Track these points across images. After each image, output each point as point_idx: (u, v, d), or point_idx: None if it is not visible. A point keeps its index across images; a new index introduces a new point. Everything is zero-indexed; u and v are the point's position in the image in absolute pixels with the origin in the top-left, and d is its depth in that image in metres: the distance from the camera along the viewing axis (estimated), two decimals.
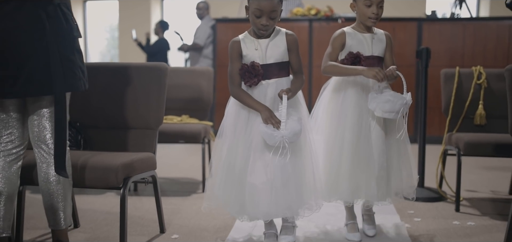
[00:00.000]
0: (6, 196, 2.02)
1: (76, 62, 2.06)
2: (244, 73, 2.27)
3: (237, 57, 2.29)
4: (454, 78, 3.54)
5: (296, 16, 6.37)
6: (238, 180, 2.24)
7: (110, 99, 2.59)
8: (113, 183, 2.14)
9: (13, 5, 1.94)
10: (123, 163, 2.17)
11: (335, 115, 2.48)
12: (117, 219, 2.89)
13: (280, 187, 2.18)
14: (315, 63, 6.34)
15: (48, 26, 1.96)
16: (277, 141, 2.11)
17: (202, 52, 6.66)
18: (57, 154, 1.99)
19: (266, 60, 2.27)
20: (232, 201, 2.25)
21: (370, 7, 2.41)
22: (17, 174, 2.07)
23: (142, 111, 2.57)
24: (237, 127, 2.28)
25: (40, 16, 1.95)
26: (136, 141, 2.57)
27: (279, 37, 2.29)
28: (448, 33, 6.18)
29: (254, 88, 2.27)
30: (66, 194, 2.08)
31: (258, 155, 2.21)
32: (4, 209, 2.01)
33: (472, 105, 3.50)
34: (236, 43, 2.29)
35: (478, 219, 2.95)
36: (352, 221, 2.56)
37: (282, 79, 2.29)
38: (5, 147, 2.05)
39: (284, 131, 2.11)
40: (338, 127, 2.45)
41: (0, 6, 1.94)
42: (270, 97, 2.25)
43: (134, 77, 2.59)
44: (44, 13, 1.96)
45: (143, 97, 2.58)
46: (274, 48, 2.27)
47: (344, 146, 2.42)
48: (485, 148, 3.10)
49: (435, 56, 6.10)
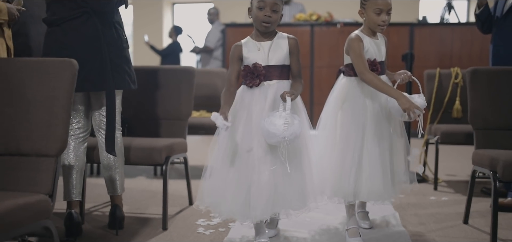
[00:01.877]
0: (77, 169, 2.61)
1: (122, 66, 2.63)
2: (246, 74, 2.31)
3: (236, 60, 2.34)
4: (435, 78, 4.14)
5: (299, 21, 6.95)
6: (236, 179, 2.27)
7: (149, 95, 3.19)
8: (157, 160, 2.75)
9: (81, 21, 2.53)
10: (165, 145, 2.78)
11: (349, 119, 2.49)
12: (152, 196, 3.51)
13: (279, 187, 2.23)
14: (317, 64, 6.91)
15: (103, 38, 2.55)
16: (278, 141, 2.14)
17: (212, 54, 7.26)
18: (107, 137, 2.57)
19: (268, 62, 2.31)
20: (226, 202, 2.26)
21: (380, 15, 2.43)
22: (84, 153, 2.67)
23: (174, 104, 3.18)
24: (235, 127, 2.30)
25: (98, 29, 2.54)
26: (170, 129, 3.18)
27: (282, 40, 2.34)
28: (437, 37, 6.76)
29: (255, 88, 2.31)
30: (120, 168, 2.68)
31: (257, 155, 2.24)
32: (76, 180, 2.61)
33: (450, 100, 4.09)
34: (237, 47, 2.34)
35: (451, 195, 3.54)
36: (354, 226, 2.52)
37: (283, 81, 2.33)
38: (75, 132, 2.64)
39: (286, 132, 2.11)
40: (354, 131, 2.46)
41: (72, 21, 2.52)
42: (271, 98, 2.28)
43: (168, 77, 3.20)
44: (101, 28, 2.55)
45: (175, 93, 3.18)
46: (276, 50, 2.31)
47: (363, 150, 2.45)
48: (458, 137, 3.71)
49: (426, 58, 6.71)
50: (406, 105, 2.30)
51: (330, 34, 6.85)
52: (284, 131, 2.10)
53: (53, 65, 1.86)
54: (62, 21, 2.49)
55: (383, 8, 2.42)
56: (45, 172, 1.76)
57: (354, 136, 2.44)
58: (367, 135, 2.45)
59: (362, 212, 2.79)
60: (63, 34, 2.50)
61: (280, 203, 2.24)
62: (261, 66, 2.29)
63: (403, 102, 2.31)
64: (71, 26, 2.50)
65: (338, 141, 2.49)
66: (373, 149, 2.44)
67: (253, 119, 2.27)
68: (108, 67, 2.52)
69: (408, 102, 2.31)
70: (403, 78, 2.57)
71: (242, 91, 2.36)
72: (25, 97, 1.83)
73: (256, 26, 2.31)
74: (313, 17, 6.94)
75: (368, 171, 2.43)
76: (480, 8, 3.47)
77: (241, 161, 2.27)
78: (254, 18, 2.30)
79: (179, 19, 10.64)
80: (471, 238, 2.59)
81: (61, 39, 2.49)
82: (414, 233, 2.67)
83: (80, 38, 2.50)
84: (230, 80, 2.33)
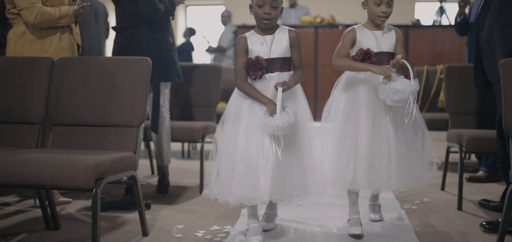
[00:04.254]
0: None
1: (169, 64, 3.31)
2: (249, 67, 2.37)
3: (243, 52, 2.41)
4: (423, 74, 4.85)
5: (304, 23, 7.65)
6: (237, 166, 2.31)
7: (186, 87, 3.90)
8: (195, 137, 3.45)
9: (137, 29, 3.21)
10: (201, 126, 3.48)
11: (348, 108, 2.56)
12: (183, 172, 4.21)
13: (277, 173, 2.28)
14: (320, 62, 7.60)
15: (154, 42, 3.24)
16: (272, 130, 2.22)
17: (225, 53, 7.98)
18: (152, 119, 3.27)
19: (270, 55, 2.38)
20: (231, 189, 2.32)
21: (380, 6, 2.48)
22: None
23: (206, 94, 3.90)
24: (239, 117, 2.38)
25: (149, 36, 3.22)
26: (203, 114, 3.89)
27: (283, 33, 2.41)
28: (430, 37, 7.45)
29: (258, 81, 2.38)
30: (167, 143, 3.36)
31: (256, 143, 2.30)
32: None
33: (436, 93, 4.79)
34: (242, 39, 2.42)
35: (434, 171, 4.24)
36: (355, 217, 2.58)
37: (284, 73, 2.39)
38: None
39: (279, 122, 2.19)
40: (351, 120, 2.53)
41: (131, 29, 3.22)
42: (273, 90, 2.33)
43: (201, 73, 3.91)
44: (152, 34, 3.23)
45: (206, 85, 3.90)
46: (278, 44, 2.39)
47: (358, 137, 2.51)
48: (441, 123, 4.40)
49: (419, 56, 7.39)
50: (379, 70, 2.38)
51: (332, 35, 7.55)
52: (277, 120, 2.19)
53: (134, 61, 2.58)
54: (124, 29, 3.20)
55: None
56: (130, 138, 2.47)
57: (352, 126, 2.53)
58: (365, 125, 2.50)
59: (373, 204, 2.83)
60: (124, 39, 3.21)
61: (285, 188, 2.31)
62: (263, 59, 2.36)
63: (375, 69, 2.40)
64: (130, 33, 3.20)
65: (337, 131, 2.58)
66: (372, 139, 2.49)
67: (256, 110, 2.34)
68: (156, 65, 3.18)
69: (379, 68, 2.39)
70: (393, 62, 2.50)
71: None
72: (115, 84, 2.54)
73: (257, 22, 2.40)
74: (317, 20, 7.62)
75: (368, 160, 2.47)
76: (460, 16, 4.19)
77: (246, 150, 2.31)
78: (254, 15, 2.38)
79: (191, 20, 11.35)
80: (444, 198, 3.30)
81: (123, 43, 3.20)
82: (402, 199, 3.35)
83: (136, 42, 3.19)
84: (241, 71, 2.40)
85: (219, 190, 2.36)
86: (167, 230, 2.62)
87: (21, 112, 2.59)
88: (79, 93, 2.57)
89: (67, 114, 2.56)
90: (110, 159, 2.13)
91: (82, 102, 2.56)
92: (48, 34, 2.97)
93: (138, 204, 2.46)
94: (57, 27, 3.00)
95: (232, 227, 2.65)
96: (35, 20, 2.88)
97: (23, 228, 2.63)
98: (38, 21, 2.88)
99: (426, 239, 2.52)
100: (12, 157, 2.08)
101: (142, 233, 2.52)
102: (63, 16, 2.98)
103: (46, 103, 2.61)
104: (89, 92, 2.56)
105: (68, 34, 3.06)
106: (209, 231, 2.60)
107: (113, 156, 2.18)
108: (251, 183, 2.28)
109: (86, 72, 2.60)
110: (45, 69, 2.63)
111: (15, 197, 3.29)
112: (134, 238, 2.50)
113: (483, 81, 2.85)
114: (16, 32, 2.97)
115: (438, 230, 2.66)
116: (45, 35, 2.96)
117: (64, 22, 3.00)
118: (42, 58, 2.70)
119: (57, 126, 2.58)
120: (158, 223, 2.75)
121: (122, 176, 2.28)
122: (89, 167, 1.98)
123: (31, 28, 2.94)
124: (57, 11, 2.95)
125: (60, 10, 2.96)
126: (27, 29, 2.94)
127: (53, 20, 2.94)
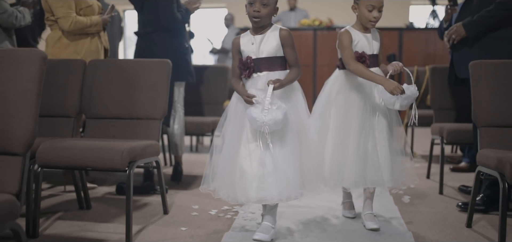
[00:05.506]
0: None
1: (183, 65, 3.71)
2: (240, 66, 2.44)
3: (237, 53, 2.47)
4: (413, 74, 5.25)
5: (303, 26, 8.05)
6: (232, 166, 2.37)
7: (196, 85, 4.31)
8: (205, 131, 3.86)
9: (156, 34, 3.60)
10: (211, 121, 3.90)
11: (342, 109, 2.60)
12: (194, 164, 4.62)
13: (270, 173, 2.30)
14: (319, 63, 8.00)
15: (171, 46, 3.64)
16: (259, 126, 2.23)
17: (228, 55, 8.38)
18: (166, 116, 3.66)
19: (259, 54, 2.39)
20: (226, 187, 2.37)
21: (372, 11, 2.53)
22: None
23: (214, 92, 4.31)
24: (235, 117, 2.43)
25: (167, 40, 3.62)
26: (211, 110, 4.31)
27: (273, 33, 2.40)
28: (423, 40, 7.86)
29: (248, 80, 2.43)
30: (181, 136, 3.76)
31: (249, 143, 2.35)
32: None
33: (425, 91, 5.19)
34: (236, 40, 2.47)
35: (422, 163, 4.65)
36: (348, 200, 2.79)
37: (274, 72, 2.39)
38: None
39: (266, 118, 2.20)
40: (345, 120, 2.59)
41: (150, 34, 3.62)
42: (260, 88, 2.35)
43: (209, 73, 4.33)
44: (169, 39, 3.63)
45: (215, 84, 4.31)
46: (267, 43, 2.39)
47: (350, 137, 2.56)
48: (429, 120, 4.81)
49: (412, 57, 7.80)
50: (391, 88, 2.42)
51: (330, 37, 7.95)
52: (263, 116, 2.20)
53: (156, 63, 2.99)
54: (145, 34, 3.61)
55: (375, 5, 2.53)
56: (154, 129, 2.88)
57: (347, 126, 2.58)
58: (358, 125, 2.56)
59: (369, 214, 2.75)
60: (144, 43, 3.61)
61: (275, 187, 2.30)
62: (251, 59, 2.39)
63: (387, 85, 2.43)
64: (149, 37, 3.60)
65: (332, 131, 2.62)
66: (365, 139, 2.55)
67: (245, 109, 2.37)
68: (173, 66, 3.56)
69: (392, 84, 2.42)
70: (395, 69, 2.60)
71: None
72: (140, 83, 2.95)
73: (250, 21, 2.42)
74: (315, 23, 8.02)
75: (355, 159, 2.54)
76: (446, 22, 4.59)
77: (235, 147, 2.37)
78: (248, 14, 2.40)
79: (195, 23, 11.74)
80: (428, 185, 3.71)
81: (143, 47, 3.61)
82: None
83: (155, 46, 3.58)
84: (235, 70, 2.49)
85: (215, 186, 2.42)
86: (184, 209, 3.02)
87: (59, 107, 3.00)
88: (108, 90, 2.99)
89: (99, 108, 2.98)
90: (140, 146, 2.53)
91: (111, 98, 2.97)
92: (80, 39, 3.43)
93: (160, 185, 2.87)
94: (88, 33, 3.44)
95: (240, 207, 3.05)
96: (70, 28, 3.33)
97: (58, 208, 3.03)
98: (72, 28, 3.34)
99: (409, 216, 2.92)
100: (59, 144, 2.47)
101: (163, 211, 2.93)
102: (94, 24, 3.42)
103: (80, 99, 3.02)
104: (117, 90, 2.97)
105: (97, 39, 3.51)
106: (221, 210, 3.00)
107: (142, 143, 2.58)
108: (242, 183, 2.33)
109: (115, 72, 3.01)
110: (79, 70, 3.04)
111: (46, 183, 3.68)
112: (157, 215, 2.90)
113: (454, 76, 3.30)
114: (53, 37, 3.43)
115: (419, 210, 3.06)
116: (78, 40, 3.42)
117: (94, 29, 3.45)
118: (76, 60, 3.13)
119: (90, 119, 3.00)
120: (176, 204, 3.15)
121: (149, 160, 2.69)
122: (124, 152, 2.38)
123: (66, 33, 3.39)
124: (88, 20, 3.40)
125: (91, 19, 3.41)
126: (63, 35, 3.40)
127: (85, 28, 3.39)
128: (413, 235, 2.54)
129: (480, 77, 2.70)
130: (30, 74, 1.68)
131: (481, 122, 2.68)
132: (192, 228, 2.67)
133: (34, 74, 1.68)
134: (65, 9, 3.34)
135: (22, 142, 1.65)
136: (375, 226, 2.58)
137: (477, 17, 3.09)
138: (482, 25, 3.07)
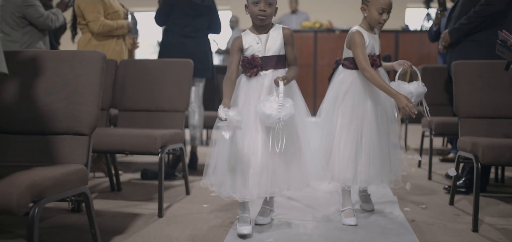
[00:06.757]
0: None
1: (204, 64, 4.13)
2: (245, 65, 2.43)
3: (237, 51, 2.45)
4: (407, 74, 5.69)
5: (304, 28, 8.47)
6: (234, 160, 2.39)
7: (211, 83, 4.74)
8: None
9: (204, 38, 4.07)
10: None
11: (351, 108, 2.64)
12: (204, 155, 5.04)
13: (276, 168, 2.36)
14: (319, 63, 8.43)
15: (208, 47, 4.09)
16: (273, 121, 2.23)
17: None
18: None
19: (265, 53, 2.42)
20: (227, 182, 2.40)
21: (382, 14, 2.58)
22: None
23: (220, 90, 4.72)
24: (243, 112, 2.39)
25: (208, 42, 4.07)
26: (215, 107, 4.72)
27: (277, 31, 2.44)
28: (418, 41, 8.30)
29: (253, 77, 2.43)
30: (199, 128, 4.17)
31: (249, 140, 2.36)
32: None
33: None
34: (238, 39, 2.46)
35: (414, 154, 5.08)
36: (349, 207, 2.68)
37: (278, 70, 2.43)
38: None
39: (281, 114, 2.21)
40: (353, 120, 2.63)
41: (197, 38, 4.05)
42: (267, 86, 2.39)
43: (223, 72, 4.74)
44: (208, 41, 4.08)
45: None
46: (272, 42, 2.42)
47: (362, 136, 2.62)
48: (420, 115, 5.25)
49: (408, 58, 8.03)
50: (403, 104, 2.43)
51: (330, 38, 8.38)
52: (279, 112, 2.21)
53: (180, 63, 3.41)
54: (194, 37, 4.08)
55: (385, 7, 2.58)
56: (179, 120, 3.31)
57: (355, 126, 2.62)
58: (366, 125, 2.62)
59: (365, 195, 2.94)
60: (189, 43, 4.05)
61: (276, 184, 2.37)
62: (258, 58, 2.41)
63: (400, 100, 2.44)
64: (197, 40, 4.08)
65: (339, 130, 2.65)
66: (372, 138, 2.62)
67: (251, 106, 2.39)
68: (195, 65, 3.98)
69: (404, 101, 2.43)
70: (404, 68, 2.72)
71: (241, 80, 2.48)
72: (164, 81, 3.39)
73: (253, 20, 2.42)
74: (316, 25, 8.44)
75: (368, 158, 2.60)
76: (436, 26, 5.02)
77: (240, 144, 2.37)
78: (250, 13, 2.40)
79: None
80: (419, 173, 4.14)
81: (188, 46, 4.04)
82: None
83: (199, 46, 4.08)
84: (231, 69, 2.44)
85: (215, 182, 2.44)
86: (203, 191, 3.44)
87: None
88: (138, 86, 3.41)
89: (130, 102, 3.41)
90: (169, 133, 2.95)
91: (141, 93, 3.40)
92: (107, 40, 3.86)
93: (183, 168, 3.29)
94: (114, 36, 3.86)
95: None
96: (98, 30, 3.75)
97: (93, 190, 3.45)
98: (101, 30, 3.76)
99: (398, 192, 3.35)
100: (100, 132, 2.89)
101: (186, 192, 3.35)
102: (119, 28, 3.85)
103: (112, 94, 3.44)
104: (146, 85, 3.40)
105: (121, 41, 3.95)
106: None
107: (170, 131, 3.00)
108: (241, 179, 2.36)
109: (143, 71, 3.43)
110: (111, 68, 3.46)
111: None
112: (180, 195, 3.33)
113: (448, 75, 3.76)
114: (84, 39, 3.87)
115: (409, 192, 3.49)
116: (105, 41, 3.85)
117: (119, 32, 3.88)
118: (109, 60, 3.54)
119: (122, 111, 3.42)
120: (195, 187, 3.57)
121: (175, 147, 3.11)
122: (157, 138, 2.80)
123: (95, 35, 3.82)
124: (115, 23, 3.83)
125: (117, 23, 3.85)
126: (92, 37, 3.81)
127: (112, 30, 3.82)
128: (404, 213, 2.96)
129: (461, 75, 3.14)
130: (94, 70, 2.09)
131: (461, 114, 3.11)
132: (213, 204, 3.09)
133: (97, 70, 2.10)
134: (95, 13, 3.76)
135: (89, 125, 2.07)
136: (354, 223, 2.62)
137: (458, 25, 3.55)
138: (461, 31, 3.57)
